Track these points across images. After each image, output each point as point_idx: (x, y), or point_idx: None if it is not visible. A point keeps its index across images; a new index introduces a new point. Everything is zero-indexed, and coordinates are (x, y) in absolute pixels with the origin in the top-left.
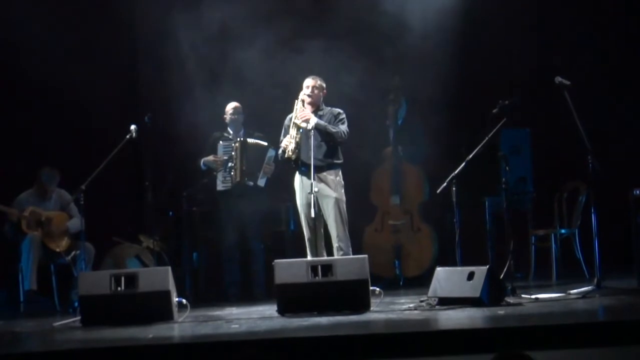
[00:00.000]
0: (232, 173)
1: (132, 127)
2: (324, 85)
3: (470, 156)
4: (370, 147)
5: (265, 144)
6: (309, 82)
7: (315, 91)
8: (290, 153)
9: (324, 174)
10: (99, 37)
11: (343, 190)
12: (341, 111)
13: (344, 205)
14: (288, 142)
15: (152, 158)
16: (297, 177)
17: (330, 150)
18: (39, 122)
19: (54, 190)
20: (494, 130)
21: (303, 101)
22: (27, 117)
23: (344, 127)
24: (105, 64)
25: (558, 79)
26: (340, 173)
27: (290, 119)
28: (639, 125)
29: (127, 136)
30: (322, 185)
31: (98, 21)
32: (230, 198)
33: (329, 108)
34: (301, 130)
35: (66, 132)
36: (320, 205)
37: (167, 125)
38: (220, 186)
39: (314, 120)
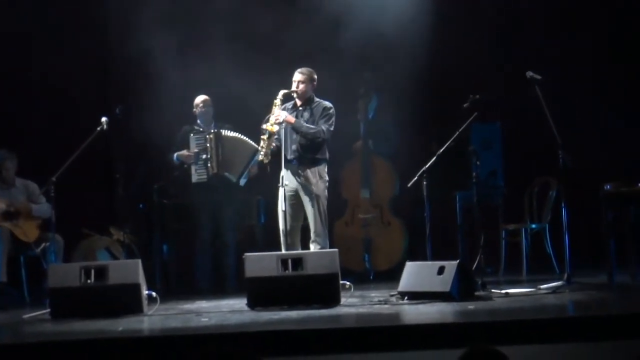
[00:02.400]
0: (208, 165)
1: (103, 119)
2: (314, 76)
3: (441, 150)
4: (341, 141)
5: (256, 145)
6: (295, 77)
7: (301, 86)
8: (262, 156)
9: (306, 168)
10: (69, 29)
11: (325, 186)
12: (328, 106)
13: (325, 201)
14: (261, 147)
15: (122, 150)
16: (282, 170)
17: (312, 145)
18: (7, 114)
19: (13, 171)
20: (465, 125)
21: (282, 99)
22: None
23: (325, 126)
24: (76, 56)
25: (529, 73)
26: (324, 169)
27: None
28: (610, 120)
29: (98, 128)
30: (302, 179)
31: (68, 11)
32: (205, 190)
33: (319, 101)
34: (276, 130)
35: (36, 124)
36: (301, 199)
37: (138, 118)
38: (194, 178)
39: (282, 116)
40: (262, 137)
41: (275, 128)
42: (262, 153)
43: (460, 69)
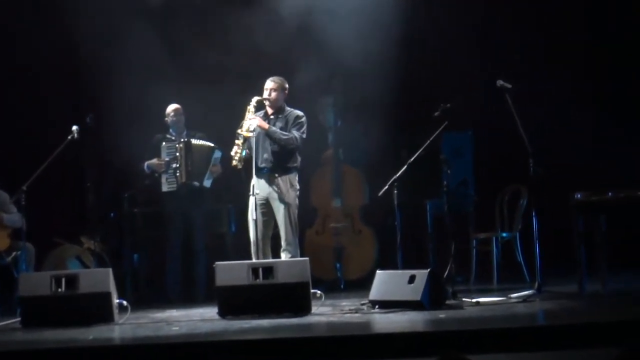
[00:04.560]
0: (178, 174)
1: (74, 127)
2: (285, 85)
3: (412, 159)
4: (309, 150)
5: (212, 144)
6: (267, 85)
7: (273, 94)
8: (235, 161)
9: (277, 177)
10: (39, 37)
11: (296, 195)
12: (300, 114)
13: (295, 210)
14: (234, 152)
15: (93, 159)
16: (253, 179)
17: (284, 153)
18: None
19: None
20: (436, 133)
21: (256, 106)
22: None
23: (297, 133)
24: (47, 63)
25: (500, 82)
26: (295, 177)
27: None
28: (580, 129)
29: (69, 137)
30: (273, 188)
31: (37, 20)
32: (175, 199)
33: (290, 110)
34: (252, 136)
35: (6, 132)
36: (272, 208)
37: (109, 126)
38: (165, 187)
39: (255, 122)
40: (236, 142)
41: (250, 133)
42: (235, 159)
43: (431, 77)
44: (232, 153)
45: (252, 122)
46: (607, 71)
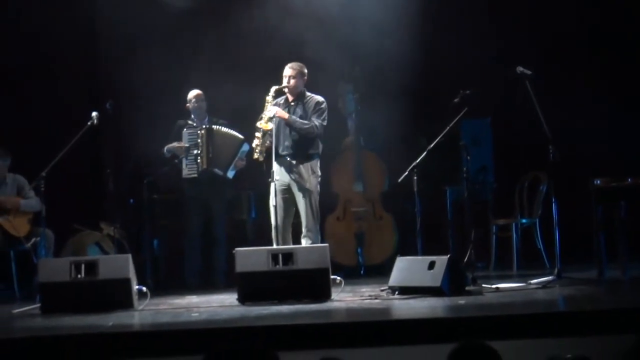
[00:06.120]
0: (199, 160)
1: (94, 114)
2: (304, 70)
3: (432, 146)
4: (329, 137)
5: (240, 136)
6: (285, 72)
7: (292, 81)
8: (257, 154)
9: (299, 164)
10: (58, 23)
11: (317, 181)
12: (320, 100)
13: (317, 197)
14: (255, 145)
15: (113, 145)
16: (274, 165)
17: (305, 140)
18: None
19: (5, 169)
20: (455, 120)
21: (274, 96)
22: None
23: (317, 121)
24: (65, 49)
25: (519, 69)
26: (317, 164)
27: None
28: (599, 115)
29: (89, 123)
30: (294, 175)
31: (56, 6)
32: (196, 185)
33: (311, 95)
34: (271, 127)
35: (26, 119)
36: (293, 194)
37: (129, 112)
38: (185, 173)
39: (273, 112)
40: (256, 134)
41: (270, 126)
42: (257, 151)
43: (450, 63)
44: (254, 145)
45: (271, 112)
46: (626, 56)
